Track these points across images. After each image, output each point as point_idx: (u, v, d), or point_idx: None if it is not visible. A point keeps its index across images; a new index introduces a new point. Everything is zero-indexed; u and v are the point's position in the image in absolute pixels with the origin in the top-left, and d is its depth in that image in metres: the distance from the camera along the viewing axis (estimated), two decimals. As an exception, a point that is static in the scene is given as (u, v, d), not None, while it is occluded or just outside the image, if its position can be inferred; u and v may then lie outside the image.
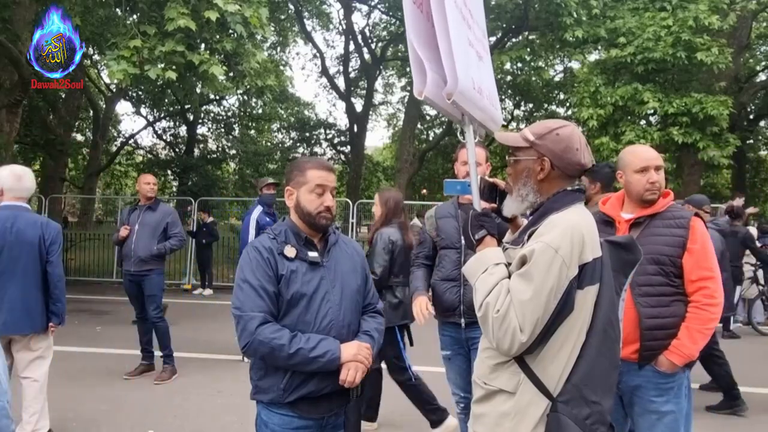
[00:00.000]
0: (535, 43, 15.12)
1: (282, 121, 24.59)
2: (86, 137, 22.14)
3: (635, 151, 2.65)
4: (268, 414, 2.03)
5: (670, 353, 2.40)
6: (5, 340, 3.52)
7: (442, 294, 3.03)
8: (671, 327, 2.42)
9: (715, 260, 2.48)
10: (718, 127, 11.35)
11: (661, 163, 2.55)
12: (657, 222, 2.49)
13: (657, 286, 2.42)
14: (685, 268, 2.43)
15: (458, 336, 3.01)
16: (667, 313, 2.42)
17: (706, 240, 2.45)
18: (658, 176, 2.50)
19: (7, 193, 3.51)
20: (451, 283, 3.00)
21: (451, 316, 3.00)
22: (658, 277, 2.41)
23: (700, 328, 2.40)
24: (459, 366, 3.08)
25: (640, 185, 2.51)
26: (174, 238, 5.44)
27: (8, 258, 3.41)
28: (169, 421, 4.27)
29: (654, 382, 2.44)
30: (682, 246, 2.42)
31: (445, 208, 3.18)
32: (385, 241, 3.85)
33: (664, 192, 2.56)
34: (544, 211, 1.66)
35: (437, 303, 3.08)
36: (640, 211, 2.54)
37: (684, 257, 2.42)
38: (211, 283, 11.40)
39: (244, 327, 1.94)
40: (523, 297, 1.51)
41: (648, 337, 2.39)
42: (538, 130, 1.71)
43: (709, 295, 2.40)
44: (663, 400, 2.43)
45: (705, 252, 2.43)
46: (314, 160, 2.14)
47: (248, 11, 7.49)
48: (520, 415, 1.56)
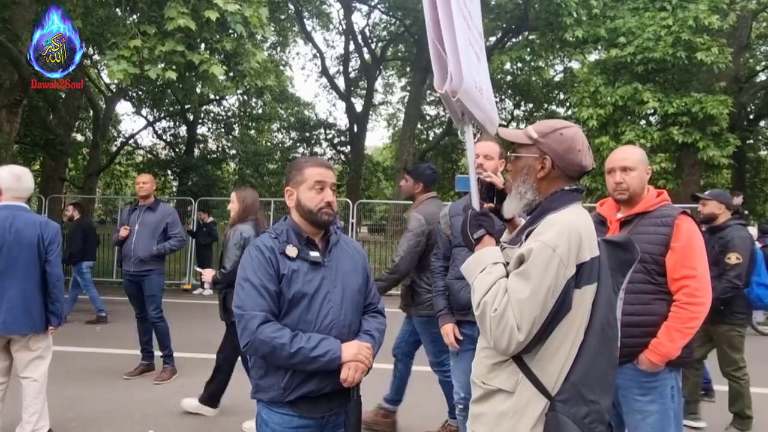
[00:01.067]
0: (535, 43, 15.12)
1: (282, 121, 24.56)
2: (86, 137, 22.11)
3: (610, 154, 2.70)
4: (268, 413, 2.04)
5: (649, 352, 2.39)
6: (4, 341, 3.52)
7: (457, 293, 3.00)
8: (650, 325, 2.41)
9: (703, 259, 2.45)
10: (718, 126, 11.35)
11: (630, 164, 2.55)
12: (645, 221, 2.50)
13: (637, 284, 2.40)
14: (667, 266, 2.42)
15: (474, 334, 2.96)
16: (645, 311, 2.42)
17: (692, 238, 2.44)
18: (624, 177, 2.52)
19: (6, 192, 3.51)
20: (465, 282, 2.96)
21: (467, 314, 2.95)
22: (638, 274, 2.40)
23: (680, 327, 2.38)
24: (467, 364, 3.01)
25: (609, 186, 2.58)
26: (174, 238, 5.44)
27: (7, 258, 3.41)
28: (169, 421, 4.28)
29: (637, 381, 2.44)
30: (665, 244, 2.42)
31: (458, 206, 3.16)
32: (237, 237, 4.01)
33: (658, 192, 2.57)
34: (542, 211, 1.66)
35: (453, 302, 3.06)
36: (629, 210, 2.56)
37: (667, 255, 2.42)
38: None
39: (245, 326, 1.95)
40: (521, 296, 1.51)
41: (624, 334, 2.37)
42: (542, 129, 1.72)
43: (691, 294, 2.39)
44: (647, 399, 2.42)
45: (690, 250, 2.41)
46: (312, 159, 2.18)
47: (248, 11, 7.49)
48: (518, 415, 1.56)
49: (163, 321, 5.37)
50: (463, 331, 3.05)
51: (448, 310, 3.10)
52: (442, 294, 3.14)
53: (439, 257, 3.23)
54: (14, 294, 3.43)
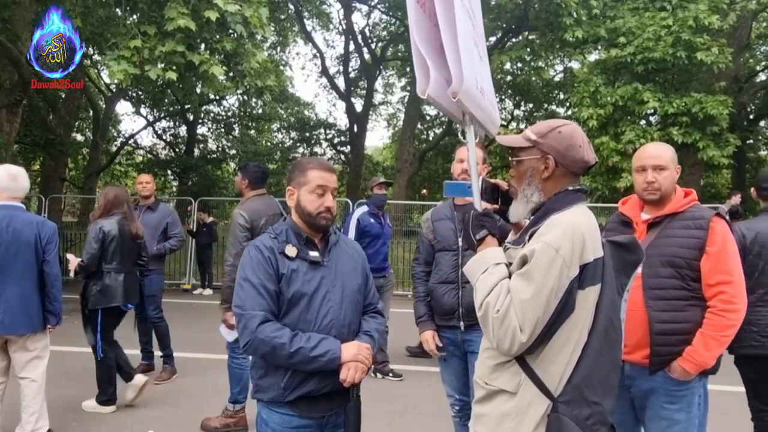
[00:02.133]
0: (535, 43, 15.12)
1: (282, 121, 24.57)
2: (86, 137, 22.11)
3: (639, 150, 2.57)
4: (268, 413, 2.04)
5: (683, 360, 2.27)
6: (1, 341, 3.52)
7: (441, 297, 2.96)
8: (685, 333, 2.29)
9: (738, 263, 2.34)
10: (718, 127, 11.35)
11: (663, 162, 2.42)
12: (675, 223, 2.37)
13: (670, 290, 2.30)
14: (702, 271, 2.30)
15: (455, 338, 2.95)
16: (680, 318, 2.30)
17: (726, 241, 2.32)
18: (656, 176, 2.39)
19: (2, 192, 3.51)
20: (449, 286, 2.92)
21: (450, 319, 2.93)
22: (672, 280, 2.30)
23: (716, 335, 2.26)
24: (455, 368, 3.02)
25: (638, 185, 2.46)
26: (174, 238, 5.44)
27: (5, 257, 3.41)
28: (169, 421, 4.27)
29: (666, 388, 2.34)
30: (699, 248, 2.30)
31: (441, 211, 3.12)
32: (95, 231, 4.28)
33: (685, 191, 2.45)
34: (546, 211, 1.65)
35: (436, 306, 3.00)
36: (657, 211, 2.43)
37: (702, 260, 2.30)
38: (212, 283, 11.39)
39: (245, 325, 1.95)
40: (524, 297, 1.50)
41: (658, 342, 2.29)
42: (540, 129, 1.71)
43: (727, 300, 2.27)
44: (675, 407, 2.33)
45: (725, 255, 2.30)
46: (315, 161, 2.16)
47: (248, 11, 7.48)
48: (521, 416, 1.56)
49: (163, 321, 5.37)
50: (445, 336, 3.00)
51: (428, 316, 3.04)
52: (423, 300, 3.09)
53: (421, 262, 3.17)
54: (12, 294, 3.42)
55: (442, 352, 3.01)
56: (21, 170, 3.63)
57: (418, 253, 3.23)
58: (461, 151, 3.00)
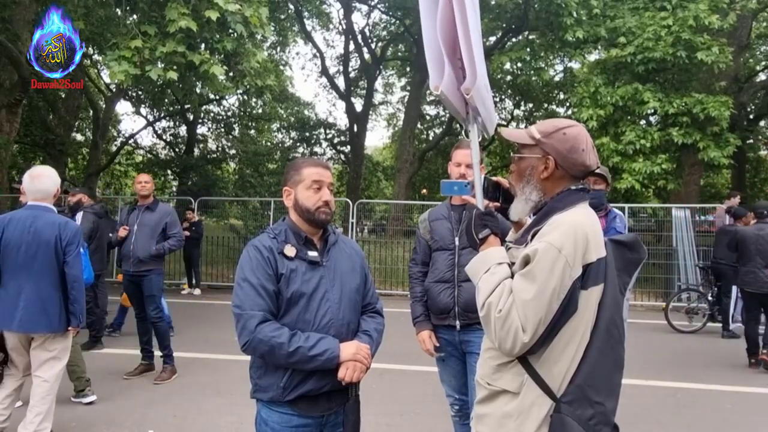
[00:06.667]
0: (535, 43, 15.12)
1: (282, 121, 24.56)
2: (86, 137, 22.08)
3: None
4: (267, 412, 2.04)
5: None
6: (26, 338, 3.53)
7: (437, 296, 2.95)
8: None
9: None
10: (718, 127, 11.35)
11: None
12: None
13: None
14: None
15: (452, 338, 2.94)
16: None
17: None
18: None
19: (27, 194, 3.57)
20: (445, 285, 2.92)
21: (446, 318, 2.92)
22: None
23: None
24: (453, 368, 3.01)
25: None
26: (173, 238, 5.43)
27: (25, 256, 3.43)
28: (169, 421, 4.27)
29: None
30: None
31: (438, 211, 3.11)
32: None
33: None
34: (548, 211, 1.64)
35: (432, 306, 3.00)
36: None
37: None
38: (199, 283, 11.34)
39: (243, 325, 1.95)
40: (526, 297, 1.49)
41: None
42: (545, 128, 1.69)
43: None
44: None
45: None
46: (309, 159, 2.20)
47: (248, 11, 7.48)
48: (523, 416, 1.55)
49: (163, 321, 5.37)
50: (442, 336, 2.99)
51: (425, 317, 3.04)
52: (419, 300, 3.08)
53: (417, 263, 3.16)
54: (31, 292, 3.43)
55: (440, 353, 3.01)
56: (41, 172, 3.61)
57: (414, 254, 3.22)
58: (457, 154, 2.95)
